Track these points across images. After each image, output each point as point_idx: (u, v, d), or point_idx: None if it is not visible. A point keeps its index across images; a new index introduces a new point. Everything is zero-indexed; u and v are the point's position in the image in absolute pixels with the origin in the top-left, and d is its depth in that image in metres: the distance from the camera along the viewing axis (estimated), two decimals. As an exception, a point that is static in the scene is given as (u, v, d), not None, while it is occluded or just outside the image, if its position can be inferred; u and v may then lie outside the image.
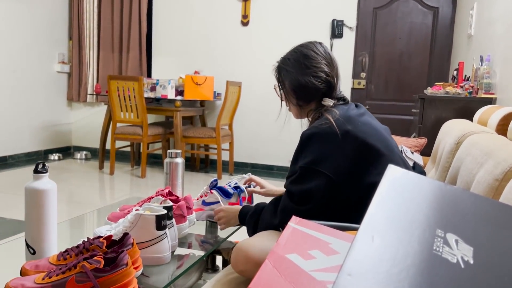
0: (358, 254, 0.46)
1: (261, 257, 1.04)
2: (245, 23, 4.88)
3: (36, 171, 1.06)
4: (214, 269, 1.70)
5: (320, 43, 1.39)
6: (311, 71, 1.30)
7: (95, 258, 0.87)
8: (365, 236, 0.49)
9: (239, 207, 1.42)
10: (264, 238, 1.15)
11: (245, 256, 1.08)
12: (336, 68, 1.34)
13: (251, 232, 1.32)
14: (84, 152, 5.31)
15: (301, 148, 1.25)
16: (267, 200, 1.46)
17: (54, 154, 5.15)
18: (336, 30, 4.60)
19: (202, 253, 1.36)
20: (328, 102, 1.30)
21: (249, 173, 1.59)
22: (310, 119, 1.37)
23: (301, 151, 1.25)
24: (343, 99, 1.35)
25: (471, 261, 0.48)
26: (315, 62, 1.32)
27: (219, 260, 1.72)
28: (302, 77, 1.31)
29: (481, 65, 2.87)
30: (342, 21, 4.59)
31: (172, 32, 5.14)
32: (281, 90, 1.40)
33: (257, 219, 1.29)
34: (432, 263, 0.47)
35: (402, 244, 0.49)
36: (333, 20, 4.60)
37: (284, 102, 1.43)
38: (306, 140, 1.24)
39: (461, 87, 2.96)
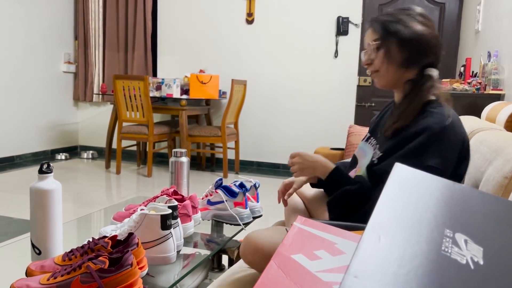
0: (364, 255, 0.45)
1: (269, 249, 1.04)
2: (250, 21, 4.87)
3: (41, 171, 1.06)
4: (220, 268, 1.69)
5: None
6: (427, 29, 1.16)
7: (100, 258, 0.87)
8: (371, 236, 0.48)
9: (320, 157, 1.21)
10: (273, 231, 1.15)
11: (254, 246, 1.09)
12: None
13: (338, 207, 1.16)
14: (91, 152, 5.33)
15: (430, 142, 1.06)
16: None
17: (61, 153, 5.18)
18: (342, 27, 4.57)
19: (208, 252, 1.35)
20: (434, 72, 1.16)
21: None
22: (408, 92, 1.17)
23: (429, 145, 1.06)
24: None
25: (481, 262, 0.47)
26: (432, 28, 1.17)
27: (225, 259, 1.71)
28: (421, 31, 1.14)
29: (489, 61, 2.84)
30: (347, 18, 4.56)
31: (177, 31, 5.14)
32: (380, 48, 1.18)
33: (360, 201, 1.11)
34: (441, 264, 0.45)
35: (409, 244, 0.48)
36: (338, 17, 4.58)
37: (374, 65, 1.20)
38: (437, 135, 1.06)
39: (469, 83, 2.93)
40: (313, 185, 1.54)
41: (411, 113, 1.12)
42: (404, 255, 0.46)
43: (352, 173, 1.30)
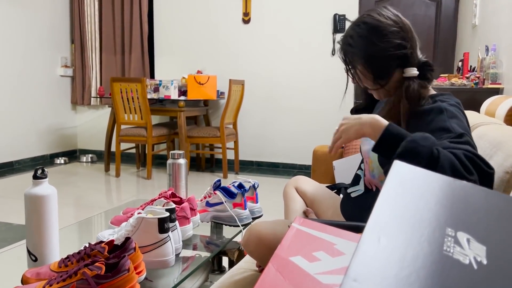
0: (364, 257, 0.43)
1: (271, 239, 1.04)
2: (246, 21, 4.85)
3: (35, 177, 1.04)
4: (221, 270, 1.68)
5: (385, 6, 1.19)
6: (382, 44, 1.13)
7: (96, 264, 0.85)
8: (371, 238, 0.46)
9: (370, 116, 1.01)
10: (276, 223, 1.15)
11: (257, 237, 1.08)
12: (410, 31, 1.16)
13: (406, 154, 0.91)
14: (90, 155, 5.31)
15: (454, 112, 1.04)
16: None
17: (60, 158, 5.16)
18: (338, 25, 4.55)
19: (207, 254, 1.34)
20: (411, 71, 1.14)
21: None
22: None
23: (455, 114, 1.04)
24: (428, 64, 1.18)
25: (484, 261, 0.46)
26: (384, 31, 1.13)
27: (225, 261, 1.70)
28: (372, 52, 1.14)
29: (487, 55, 2.82)
30: (344, 15, 4.55)
31: (174, 32, 5.12)
32: (351, 72, 1.22)
33: (432, 152, 0.87)
34: (443, 264, 0.44)
35: (411, 245, 0.46)
36: (335, 15, 4.56)
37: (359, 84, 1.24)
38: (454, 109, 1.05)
39: (467, 78, 2.91)
40: (330, 187, 1.52)
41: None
42: (405, 256, 0.44)
43: (366, 167, 1.29)
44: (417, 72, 1.14)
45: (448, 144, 0.90)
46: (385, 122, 0.97)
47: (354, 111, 1.43)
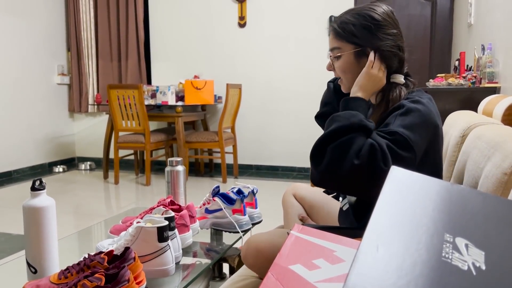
0: (362, 267, 0.43)
1: (270, 252, 1.03)
2: (242, 25, 4.86)
3: (33, 189, 1.04)
4: (222, 277, 1.67)
5: (384, 5, 1.14)
6: (387, 41, 1.09)
7: (96, 275, 0.85)
8: (369, 246, 0.46)
9: (369, 87, 1.09)
10: (274, 234, 1.14)
11: (255, 250, 1.08)
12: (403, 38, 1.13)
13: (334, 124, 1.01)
14: (88, 163, 5.31)
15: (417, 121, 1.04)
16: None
17: (58, 166, 5.15)
18: (334, 26, 4.56)
19: (208, 261, 1.34)
20: (399, 78, 1.12)
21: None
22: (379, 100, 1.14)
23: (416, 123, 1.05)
24: (409, 75, 1.17)
25: (483, 267, 0.45)
26: (388, 30, 1.09)
27: (226, 267, 1.69)
28: (382, 44, 1.09)
29: (483, 54, 2.83)
30: (339, 17, 4.55)
31: (170, 37, 5.13)
32: (339, 59, 1.16)
33: (348, 129, 0.97)
34: (442, 271, 0.44)
35: (408, 253, 0.46)
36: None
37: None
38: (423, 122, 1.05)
39: (464, 77, 2.92)
40: (328, 191, 1.52)
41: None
42: (403, 264, 0.44)
43: None
44: (404, 81, 1.13)
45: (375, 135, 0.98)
46: (356, 94, 1.09)
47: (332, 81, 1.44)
